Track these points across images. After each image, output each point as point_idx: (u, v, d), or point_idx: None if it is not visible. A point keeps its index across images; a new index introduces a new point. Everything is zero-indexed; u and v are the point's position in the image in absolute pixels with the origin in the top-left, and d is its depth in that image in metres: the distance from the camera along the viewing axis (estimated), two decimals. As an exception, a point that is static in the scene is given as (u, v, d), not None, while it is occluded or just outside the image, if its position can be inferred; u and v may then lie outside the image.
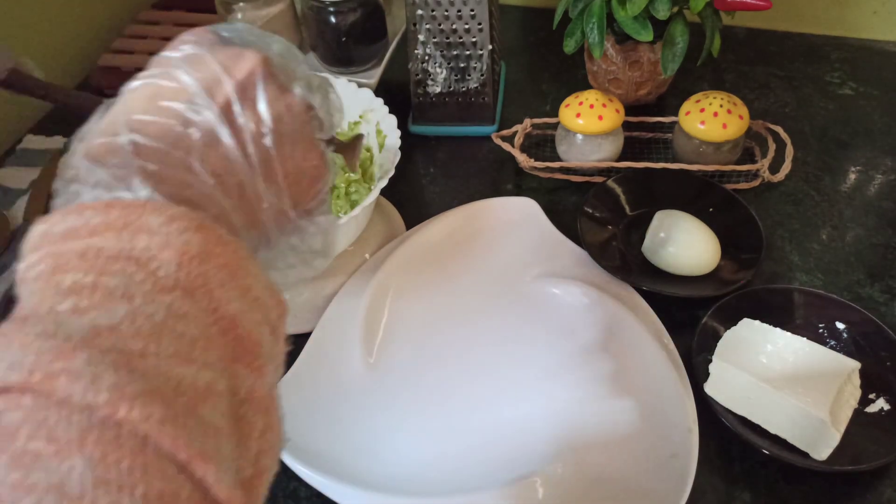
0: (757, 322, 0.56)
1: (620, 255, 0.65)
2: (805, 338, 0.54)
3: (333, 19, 0.77)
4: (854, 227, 0.68)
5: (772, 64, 0.88)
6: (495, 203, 0.69)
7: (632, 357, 0.56)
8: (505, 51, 0.90)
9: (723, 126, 0.68)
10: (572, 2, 0.74)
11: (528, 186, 0.74)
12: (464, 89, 0.77)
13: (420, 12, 0.72)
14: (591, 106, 0.69)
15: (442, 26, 0.73)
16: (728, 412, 0.53)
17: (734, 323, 0.56)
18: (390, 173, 0.58)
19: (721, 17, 0.73)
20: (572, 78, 0.87)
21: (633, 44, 0.75)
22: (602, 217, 0.68)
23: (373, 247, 0.66)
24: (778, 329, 0.55)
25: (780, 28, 0.93)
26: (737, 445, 0.53)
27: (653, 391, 0.53)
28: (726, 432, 0.53)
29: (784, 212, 0.70)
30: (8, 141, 0.84)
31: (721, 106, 0.68)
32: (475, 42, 0.74)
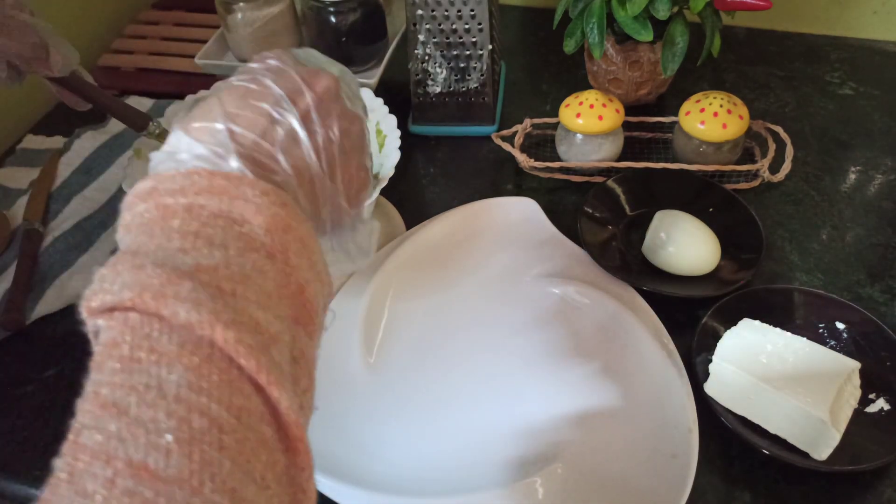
0: (757, 322, 0.56)
1: (620, 255, 0.65)
2: (805, 338, 0.54)
3: (333, 19, 0.77)
4: (854, 227, 0.68)
5: (772, 64, 0.88)
6: (495, 203, 0.69)
7: (632, 357, 0.56)
8: (505, 51, 0.90)
9: (723, 126, 0.68)
10: (572, 2, 0.74)
11: (528, 186, 0.74)
12: (464, 89, 0.77)
13: (420, 12, 0.72)
14: (591, 106, 0.69)
15: (442, 26, 0.73)
16: (728, 412, 0.53)
17: (734, 323, 0.56)
18: (390, 173, 0.58)
19: (721, 17, 0.73)
20: (572, 78, 0.87)
21: (633, 44, 0.75)
22: (602, 217, 0.68)
23: (373, 247, 0.66)
24: (778, 329, 0.55)
25: (780, 28, 0.93)
26: (737, 445, 0.53)
27: (653, 391, 0.53)
28: (726, 432, 0.53)
29: (784, 212, 0.70)
30: (8, 141, 0.84)
31: (721, 106, 0.68)
32: (475, 42, 0.74)
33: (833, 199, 0.71)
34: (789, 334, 0.54)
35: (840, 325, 0.57)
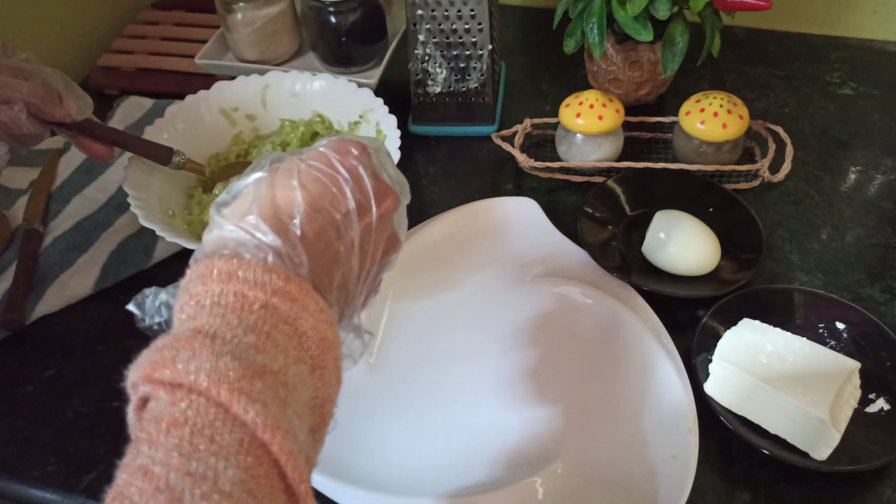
0: (757, 322, 0.56)
1: (620, 255, 0.65)
2: (805, 338, 0.54)
3: (333, 19, 0.77)
4: (854, 227, 0.68)
5: (772, 64, 0.88)
6: (495, 203, 0.69)
7: (632, 357, 0.56)
8: (505, 51, 0.90)
9: (723, 126, 0.68)
10: (572, 2, 0.74)
11: (528, 186, 0.74)
12: (464, 89, 0.77)
13: (420, 12, 0.72)
14: (591, 106, 0.69)
15: (442, 26, 0.73)
16: (728, 412, 0.53)
17: (734, 323, 0.56)
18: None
19: (721, 17, 0.73)
20: (572, 78, 0.87)
21: (633, 44, 0.75)
22: (602, 217, 0.68)
23: (373, 247, 0.66)
24: (778, 329, 0.55)
25: (780, 28, 0.92)
26: (737, 445, 0.53)
27: (653, 391, 0.53)
28: (726, 432, 0.53)
29: (784, 212, 0.70)
30: (8, 141, 0.84)
31: (721, 106, 0.68)
32: (475, 42, 0.74)
33: (833, 199, 0.71)
34: (789, 334, 0.54)
35: (840, 325, 0.57)
